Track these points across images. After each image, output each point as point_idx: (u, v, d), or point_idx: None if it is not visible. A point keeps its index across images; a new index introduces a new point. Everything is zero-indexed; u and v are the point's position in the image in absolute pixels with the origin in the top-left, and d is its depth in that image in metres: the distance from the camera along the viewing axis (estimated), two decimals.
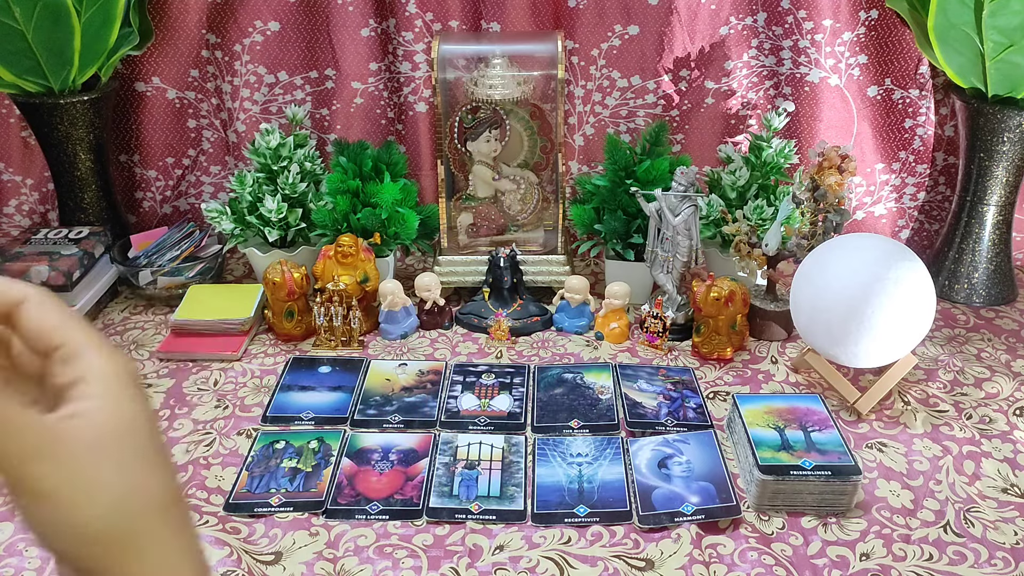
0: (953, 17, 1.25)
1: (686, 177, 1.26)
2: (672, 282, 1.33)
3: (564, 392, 1.19)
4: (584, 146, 1.59)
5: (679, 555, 0.92)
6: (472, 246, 1.46)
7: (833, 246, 1.14)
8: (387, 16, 1.50)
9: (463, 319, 1.38)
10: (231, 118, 1.58)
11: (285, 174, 1.40)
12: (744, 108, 1.53)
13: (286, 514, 0.98)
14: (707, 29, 1.48)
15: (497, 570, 0.90)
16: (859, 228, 1.60)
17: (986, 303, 1.44)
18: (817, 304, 1.11)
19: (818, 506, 0.98)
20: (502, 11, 1.48)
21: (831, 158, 1.27)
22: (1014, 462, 1.07)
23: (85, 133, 1.46)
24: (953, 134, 1.53)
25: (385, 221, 1.40)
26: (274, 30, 1.51)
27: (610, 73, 1.52)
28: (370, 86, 1.54)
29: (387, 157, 1.46)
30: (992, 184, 1.40)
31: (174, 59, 1.54)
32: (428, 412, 1.16)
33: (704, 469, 1.03)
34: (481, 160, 1.41)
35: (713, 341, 1.26)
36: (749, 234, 1.33)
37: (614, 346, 1.32)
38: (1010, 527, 0.96)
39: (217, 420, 1.15)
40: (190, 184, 1.66)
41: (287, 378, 1.23)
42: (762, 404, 1.09)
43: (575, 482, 1.02)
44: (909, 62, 1.47)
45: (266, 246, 1.44)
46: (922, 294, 1.08)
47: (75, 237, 1.41)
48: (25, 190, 1.66)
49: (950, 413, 1.16)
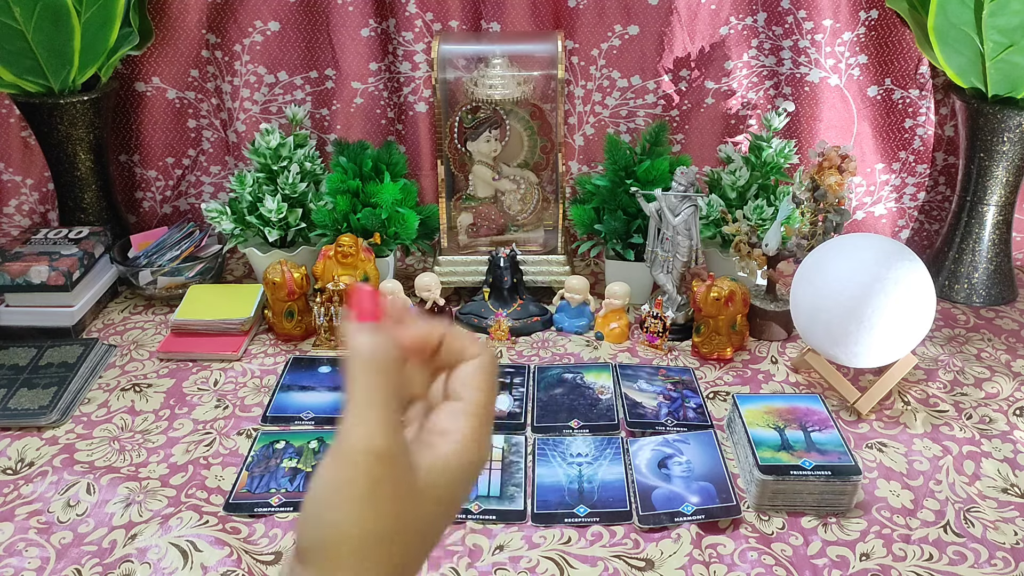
0: (953, 17, 1.25)
1: (686, 177, 1.26)
2: (672, 282, 1.33)
3: (564, 392, 1.19)
4: (584, 146, 1.59)
5: (679, 555, 0.92)
6: (472, 246, 1.46)
7: (833, 246, 1.14)
8: (387, 16, 1.50)
9: (463, 319, 1.38)
10: (231, 118, 1.58)
11: (285, 174, 1.40)
12: (744, 108, 1.53)
13: (286, 514, 0.98)
14: (707, 29, 1.48)
15: (497, 570, 0.90)
16: (859, 228, 1.60)
17: (986, 303, 1.44)
18: (817, 304, 1.11)
19: (818, 506, 0.98)
20: (502, 11, 1.48)
21: (831, 158, 1.27)
22: (1014, 462, 1.07)
23: (85, 133, 1.46)
24: (953, 134, 1.53)
25: (385, 221, 1.40)
26: (274, 30, 1.51)
27: (610, 73, 1.52)
28: (370, 86, 1.54)
29: (387, 157, 1.46)
30: (992, 184, 1.40)
31: (174, 59, 1.54)
32: None
33: (704, 469, 1.03)
34: (481, 160, 1.41)
35: (713, 341, 1.26)
36: (749, 234, 1.33)
37: (614, 346, 1.32)
38: (1010, 527, 0.96)
39: (217, 420, 1.15)
40: (190, 184, 1.66)
41: (287, 378, 1.23)
42: (762, 404, 1.09)
43: (575, 482, 1.02)
44: (909, 62, 1.47)
45: (266, 246, 1.44)
46: (922, 294, 1.08)
47: (75, 237, 1.42)
48: (25, 190, 1.66)
49: (950, 413, 1.16)
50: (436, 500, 0.39)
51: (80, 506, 0.99)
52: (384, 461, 0.37)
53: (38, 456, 1.07)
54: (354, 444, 0.37)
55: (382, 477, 0.37)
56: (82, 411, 1.17)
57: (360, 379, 0.38)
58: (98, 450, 1.09)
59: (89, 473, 1.04)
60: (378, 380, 0.38)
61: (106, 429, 1.13)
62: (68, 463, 1.06)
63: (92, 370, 1.24)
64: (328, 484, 0.37)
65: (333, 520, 0.37)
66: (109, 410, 1.17)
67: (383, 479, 0.37)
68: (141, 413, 1.16)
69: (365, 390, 0.38)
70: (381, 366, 0.38)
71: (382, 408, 0.38)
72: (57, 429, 1.13)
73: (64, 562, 0.91)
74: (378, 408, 0.38)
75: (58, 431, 1.12)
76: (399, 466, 0.38)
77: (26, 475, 1.04)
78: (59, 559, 0.92)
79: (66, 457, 1.07)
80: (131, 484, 1.02)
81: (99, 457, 1.07)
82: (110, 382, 1.23)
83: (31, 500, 1.00)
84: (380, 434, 0.37)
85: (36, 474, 1.04)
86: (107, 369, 1.27)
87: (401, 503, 0.38)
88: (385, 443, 0.37)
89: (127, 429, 1.13)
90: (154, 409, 1.17)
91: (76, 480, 1.03)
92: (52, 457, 1.07)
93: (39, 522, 0.97)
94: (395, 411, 0.39)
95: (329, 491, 0.37)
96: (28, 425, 1.13)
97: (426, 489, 0.39)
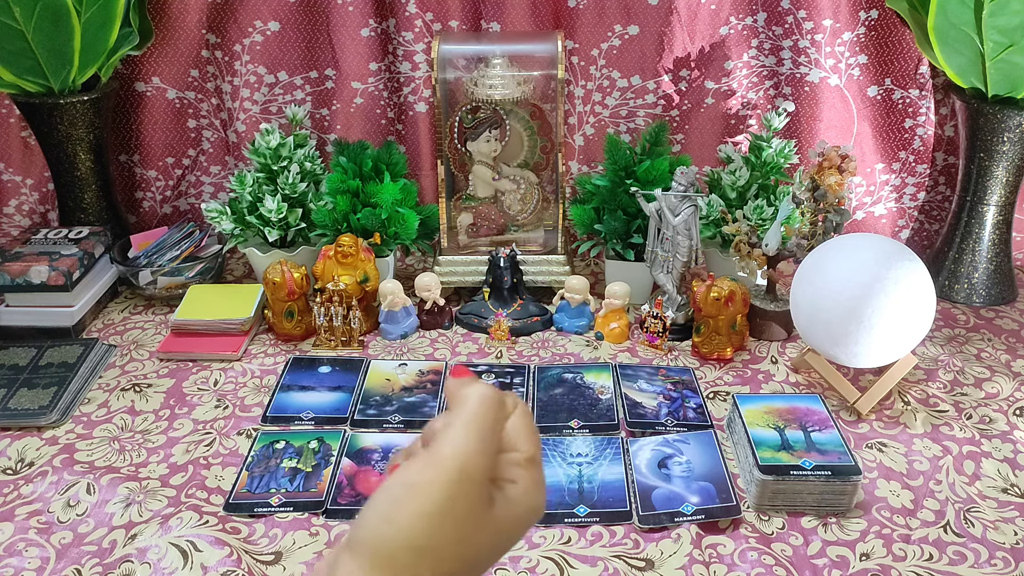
0: (953, 17, 1.25)
1: (686, 177, 1.26)
2: (672, 282, 1.33)
3: (564, 392, 1.19)
4: (584, 146, 1.59)
5: (679, 555, 0.92)
6: (472, 246, 1.46)
7: (833, 246, 1.14)
8: (387, 16, 1.50)
9: (463, 319, 1.38)
10: (231, 118, 1.58)
11: (285, 174, 1.40)
12: (744, 108, 1.53)
13: (286, 514, 0.98)
14: (707, 29, 1.48)
15: (497, 570, 0.90)
16: (859, 228, 1.60)
17: (986, 303, 1.44)
18: (817, 304, 1.11)
19: (818, 506, 0.98)
20: (502, 11, 1.48)
21: (831, 158, 1.27)
22: (1014, 462, 1.07)
23: (85, 133, 1.46)
24: (953, 134, 1.53)
25: (385, 221, 1.40)
26: (274, 30, 1.51)
27: (610, 73, 1.52)
28: (370, 86, 1.54)
29: (387, 157, 1.46)
30: (992, 184, 1.40)
31: (174, 59, 1.54)
32: (428, 412, 1.16)
33: (704, 469, 1.03)
34: (481, 160, 1.41)
35: (713, 341, 1.26)
36: (749, 234, 1.33)
37: (614, 346, 1.32)
38: (1010, 527, 0.96)
39: (217, 420, 1.15)
40: (190, 184, 1.66)
41: (287, 378, 1.23)
42: (762, 404, 1.09)
43: (575, 482, 1.02)
44: (909, 62, 1.47)
45: (266, 246, 1.44)
46: (922, 294, 1.08)
47: (75, 237, 1.42)
48: (25, 190, 1.66)
49: (950, 413, 1.16)
50: (497, 532, 0.41)
51: (80, 506, 0.99)
52: (468, 481, 0.39)
53: (38, 456, 1.07)
54: (448, 455, 0.39)
55: (460, 496, 0.38)
56: (82, 411, 1.17)
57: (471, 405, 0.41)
58: (98, 450, 1.09)
59: (89, 473, 1.04)
60: (488, 414, 0.41)
61: (106, 429, 1.13)
62: (68, 463, 1.06)
63: (92, 370, 1.24)
64: (408, 485, 0.38)
65: (399, 522, 0.38)
66: (109, 410, 1.17)
67: (461, 498, 0.38)
68: (141, 413, 1.16)
69: (473, 417, 0.40)
70: (494, 404, 0.41)
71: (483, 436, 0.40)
72: (57, 429, 1.13)
73: (64, 562, 0.91)
74: (480, 435, 0.40)
75: (58, 431, 1.12)
76: (478, 493, 0.39)
77: (26, 475, 1.04)
78: (59, 559, 0.92)
79: (66, 457, 1.07)
80: (131, 484, 1.02)
81: (99, 457, 1.07)
82: (110, 382, 1.23)
83: (31, 500, 1.00)
84: (476, 455, 0.39)
85: (36, 474, 1.04)
86: (107, 369, 1.27)
87: (467, 528, 0.39)
88: (475, 465, 0.39)
89: (127, 429, 1.13)
90: (154, 409, 1.17)
91: (76, 480, 1.03)
92: (52, 457, 1.07)
93: (39, 522, 0.97)
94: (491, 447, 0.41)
95: (406, 492, 0.38)
96: (28, 425, 1.13)
97: (492, 522, 0.40)
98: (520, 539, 0.44)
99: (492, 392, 0.42)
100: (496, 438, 0.41)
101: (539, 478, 0.43)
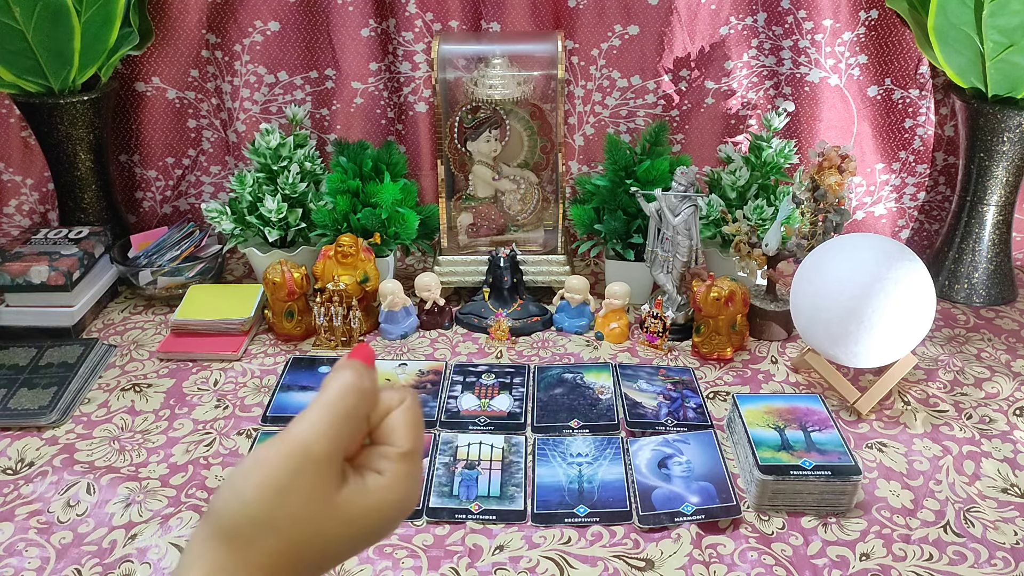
0: (953, 17, 1.25)
1: (686, 177, 1.26)
2: (672, 282, 1.33)
3: (564, 392, 1.19)
4: (584, 146, 1.59)
5: (679, 555, 0.92)
6: (472, 246, 1.46)
7: (833, 246, 1.14)
8: (387, 16, 1.50)
9: (463, 319, 1.38)
10: (231, 118, 1.58)
11: (285, 174, 1.40)
12: (744, 108, 1.53)
13: None
14: (707, 29, 1.48)
15: (497, 570, 0.90)
16: (859, 228, 1.60)
17: (986, 303, 1.44)
18: (817, 304, 1.11)
19: (818, 506, 0.98)
20: (502, 11, 1.48)
21: (831, 158, 1.27)
22: (1014, 462, 1.07)
23: (85, 133, 1.46)
24: (953, 134, 1.53)
25: (385, 221, 1.40)
26: (274, 30, 1.51)
27: (610, 73, 1.52)
28: (370, 86, 1.54)
29: (387, 157, 1.46)
30: (992, 184, 1.40)
31: (174, 59, 1.54)
32: (428, 412, 1.16)
33: (704, 469, 1.03)
34: (481, 160, 1.41)
35: (713, 341, 1.26)
36: (749, 234, 1.33)
37: (614, 346, 1.32)
38: (1010, 527, 0.96)
39: (217, 420, 1.15)
40: (190, 184, 1.66)
41: (287, 378, 1.23)
42: (762, 404, 1.09)
43: (575, 482, 1.02)
44: (909, 62, 1.47)
45: (266, 246, 1.44)
46: (922, 294, 1.08)
47: (75, 237, 1.42)
48: (25, 190, 1.66)
49: (950, 413, 1.16)
50: (349, 522, 0.41)
51: (80, 506, 0.99)
52: (313, 460, 0.40)
53: (38, 456, 1.07)
54: (295, 435, 0.40)
55: (304, 472, 0.39)
56: (82, 411, 1.17)
57: (331, 391, 0.42)
58: (98, 450, 1.09)
59: (89, 473, 1.04)
60: (345, 399, 0.41)
61: (106, 429, 1.13)
62: (68, 463, 1.06)
63: (92, 370, 1.24)
64: (255, 460, 0.40)
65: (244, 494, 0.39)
66: (109, 410, 1.17)
67: (304, 474, 0.39)
68: (141, 413, 1.16)
69: (329, 401, 0.41)
70: (353, 390, 0.42)
71: (335, 421, 0.41)
72: (57, 429, 1.13)
73: (64, 562, 0.91)
74: (332, 419, 0.41)
75: (58, 431, 1.12)
76: (324, 472, 0.40)
77: (26, 475, 1.04)
78: (59, 559, 0.92)
79: (66, 457, 1.07)
80: (131, 484, 1.02)
81: (99, 457, 1.07)
82: (110, 382, 1.23)
83: (31, 500, 1.00)
84: (322, 436, 0.40)
85: (36, 474, 1.04)
86: (107, 369, 1.27)
87: (311, 508, 0.39)
88: (320, 446, 0.40)
89: (127, 429, 1.13)
90: (154, 409, 1.17)
91: (76, 480, 1.03)
92: (52, 457, 1.07)
93: (39, 522, 0.97)
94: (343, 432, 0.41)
95: (253, 465, 0.39)
96: (28, 425, 1.13)
97: (342, 506, 0.40)
98: (386, 535, 0.44)
99: (354, 381, 0.42)
100: (353, 424, 0.42)
101: (412, 473, 0.43)
